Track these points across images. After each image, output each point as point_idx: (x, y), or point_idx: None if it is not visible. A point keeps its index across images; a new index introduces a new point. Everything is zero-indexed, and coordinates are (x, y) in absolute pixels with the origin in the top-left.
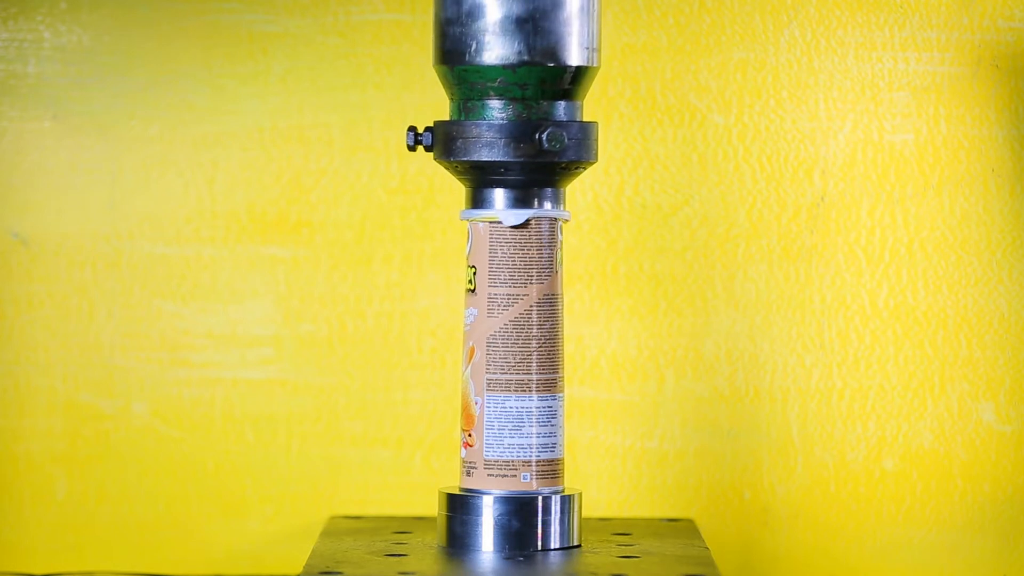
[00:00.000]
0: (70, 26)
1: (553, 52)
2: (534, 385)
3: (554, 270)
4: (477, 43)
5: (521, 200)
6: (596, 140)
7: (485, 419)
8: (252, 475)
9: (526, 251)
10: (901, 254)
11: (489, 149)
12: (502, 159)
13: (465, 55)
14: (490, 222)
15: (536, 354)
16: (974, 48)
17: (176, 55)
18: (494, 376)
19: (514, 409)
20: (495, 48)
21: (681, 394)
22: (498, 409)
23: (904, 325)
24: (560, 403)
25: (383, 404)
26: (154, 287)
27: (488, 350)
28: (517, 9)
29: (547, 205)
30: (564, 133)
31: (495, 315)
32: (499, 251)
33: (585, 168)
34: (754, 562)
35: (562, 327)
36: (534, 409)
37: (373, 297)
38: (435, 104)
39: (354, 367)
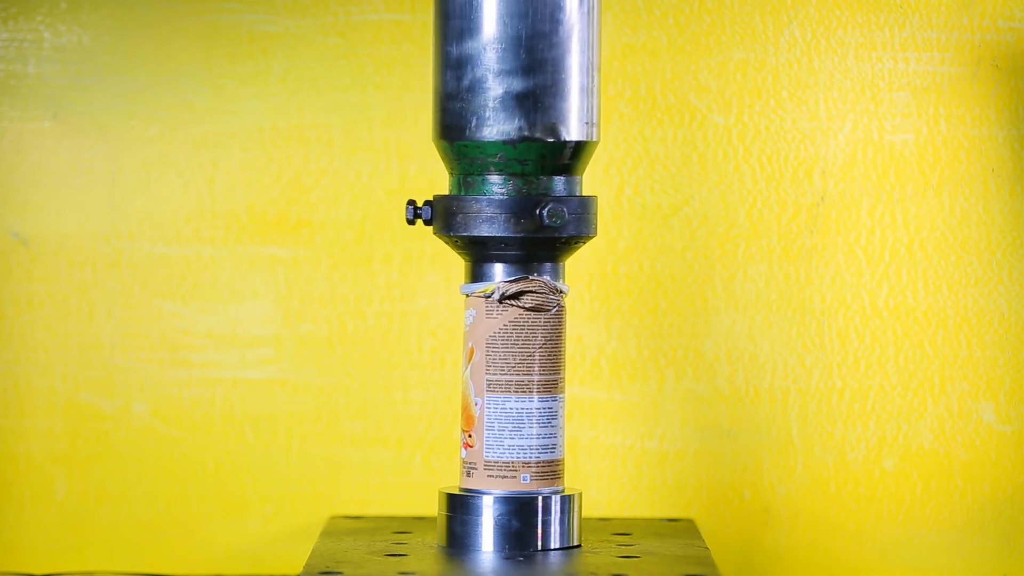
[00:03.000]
0: (70, 26)
1: (553, 128)
2: (534, 386)
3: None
4: (477, 118)
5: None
6: (595, 214)
7: (485, 420)
8: (252, 475)
9: None
10: (901, 254)
11: (489, 224)
12: (502, 234)
13: (465, 130)
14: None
15: (536, 355)
16: (974, 48)
17: (176, 55)
18: (494, 377)
19: (514, 410)
20: (496, 124)
21: (681, 394)
22: (498, 410)
23: (904, 325)
24: (560, 404)
25: (383, 404)
26: (154, 287)
27: (488, 351)
28: (518, 85)
29: (546, 279)
30: (564, 209)
31: (495, 316)
32: None
33: (585, 242)
34: (754, 562)
35: (563, 327)
36: (534, 410)
37: (373, 297)
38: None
39: (354, 367)
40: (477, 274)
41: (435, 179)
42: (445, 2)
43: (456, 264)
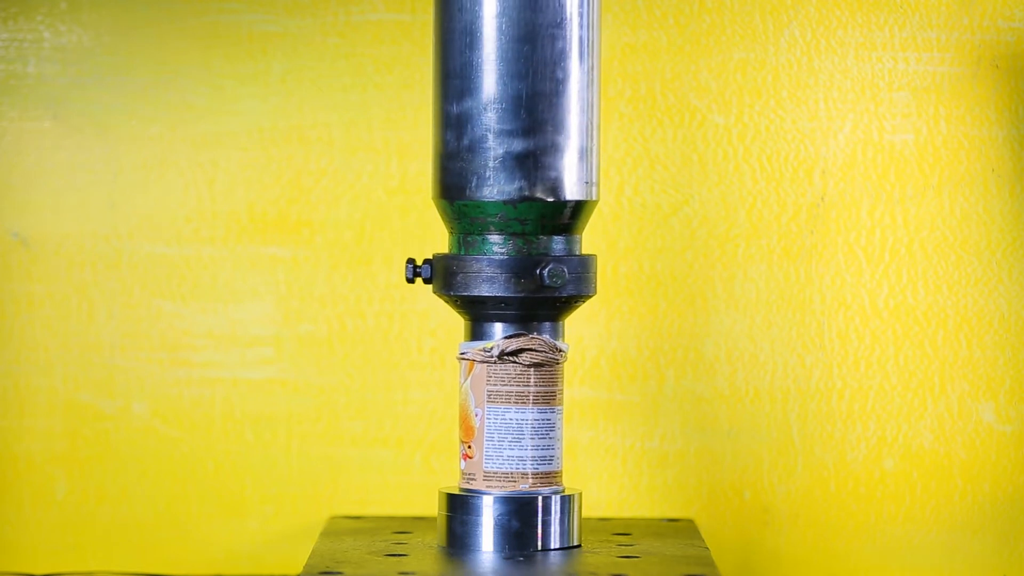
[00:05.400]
0: (70, 26)
1: (554, 187)
2: (532, 397)
3: None
4: (478, 178)
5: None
6: (595, 273)
7: (485, 431)
8: (252, 475)
9: None
10: (901, 254)
11: (490, 284)
12: (502, 294)
13: (465, 190)
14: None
15: (536, 366)
16: (974, 48)
17: (176, 55)
18: (495, 388)
19: (514, 421)
20: (496, 183)
21: (681, 394)
22: (498, 421)
23: (904, 325)
24: (559, 416)
25: (383, 404)
26: (154, 287)
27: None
28: (518, 145)
29: (545, 337)
30: (565, 269)
31: None
32: None
33: (584, 301)
34: (754, 562)
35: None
36: (533, 421)
37: (373, 297)
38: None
39: (354, 367)
40: (477, 333)
41: None
42: (445, 61)
43: None
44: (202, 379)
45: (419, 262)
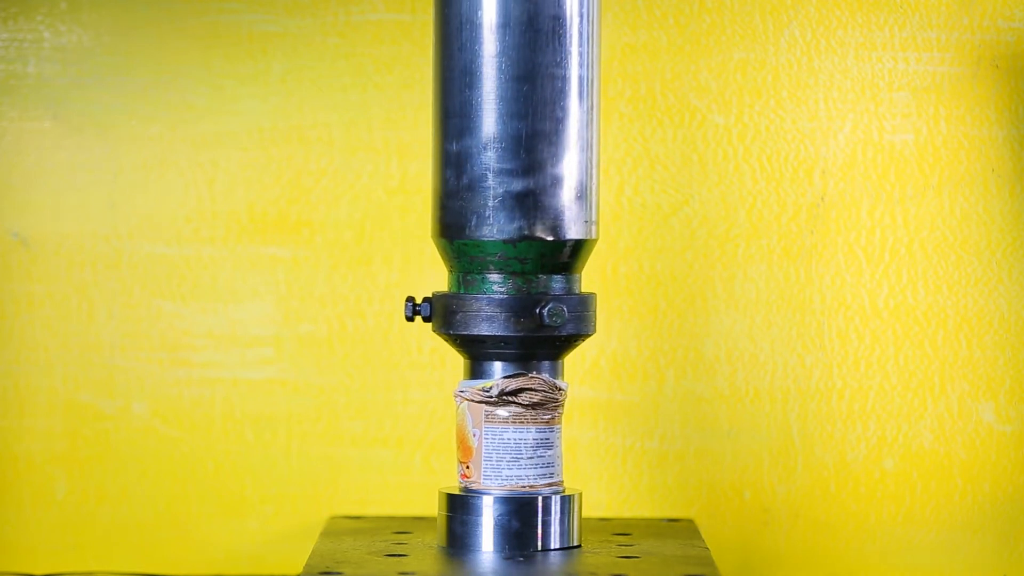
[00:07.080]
0: (70, 26)
1: (554, 227)
2: (531, 417)
3: None
4: (478, 217)
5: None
6: (595, 312)
7: (484, 451)
8: (252, 475)
9: None
10: (901, 254)
11: (489, 323)
12: (502, 334)
13: (465, 229)
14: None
15: (535, 406)
16: (974, 48)
17: (176, 55)
18: (492, 409)
19: (512, 440)
20: (496, 223)
21: (681, 394)
22: (496, 440)
23: (904, 325)
24: (558, 434)
25: (383, 404)
26: (154, 287)
27: None
28: (518, 185)
29: (545, 376)
30: (564, 308)
31: None
32: None
33: (584, 340)
34: (754, 562)
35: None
36: (532, 440)
37: (373, 297)
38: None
39: (354, 367)
40: (476, 371)
41: None
42: (444, 100)
43: None
44: (202, 379)
45: (418, 298)
